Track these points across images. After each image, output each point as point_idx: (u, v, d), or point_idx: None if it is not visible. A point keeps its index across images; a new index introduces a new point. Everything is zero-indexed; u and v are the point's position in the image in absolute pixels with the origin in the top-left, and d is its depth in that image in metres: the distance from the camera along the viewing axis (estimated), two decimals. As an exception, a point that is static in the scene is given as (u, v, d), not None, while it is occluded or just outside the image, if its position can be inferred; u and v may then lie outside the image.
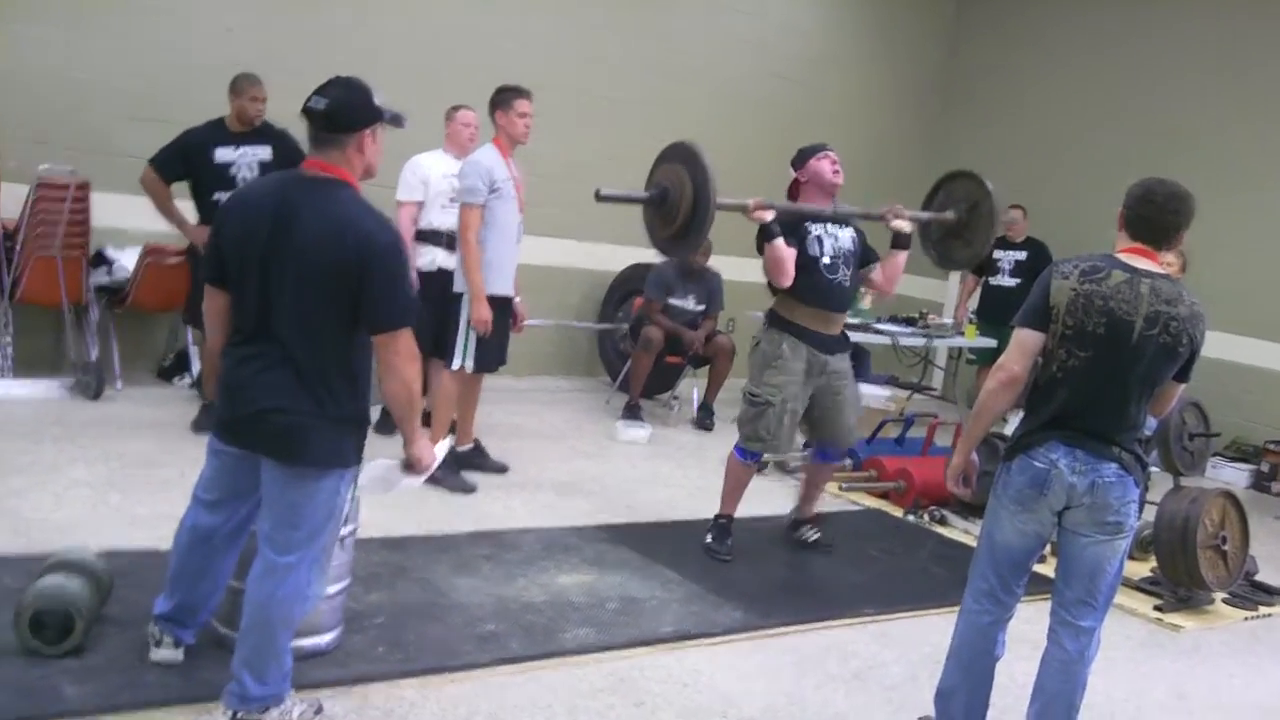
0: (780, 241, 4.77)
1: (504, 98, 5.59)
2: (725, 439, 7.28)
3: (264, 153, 5.98)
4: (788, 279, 4.82)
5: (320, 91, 2.96)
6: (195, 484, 3.24)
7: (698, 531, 5.35)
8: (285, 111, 4.69)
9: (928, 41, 10.65)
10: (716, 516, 5.19)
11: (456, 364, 5.50)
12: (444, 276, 5.77)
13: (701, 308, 7.88)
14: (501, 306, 5.56)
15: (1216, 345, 8.07)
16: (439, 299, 5.58)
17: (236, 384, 3.00)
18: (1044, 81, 9.97)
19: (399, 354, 2.94)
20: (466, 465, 5.80)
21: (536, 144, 7.97)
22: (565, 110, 8.30)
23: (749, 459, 5.09)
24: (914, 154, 10.50)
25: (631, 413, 7.47)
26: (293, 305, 2.90)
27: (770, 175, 7.37)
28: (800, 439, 5.52)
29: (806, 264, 4.85)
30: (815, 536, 5.39)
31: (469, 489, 5.59)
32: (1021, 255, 8.72)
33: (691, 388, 8.16)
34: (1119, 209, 3.32)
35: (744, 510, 5.27)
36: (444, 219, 6.15)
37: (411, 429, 3.11)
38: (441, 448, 3.31)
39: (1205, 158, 8.67)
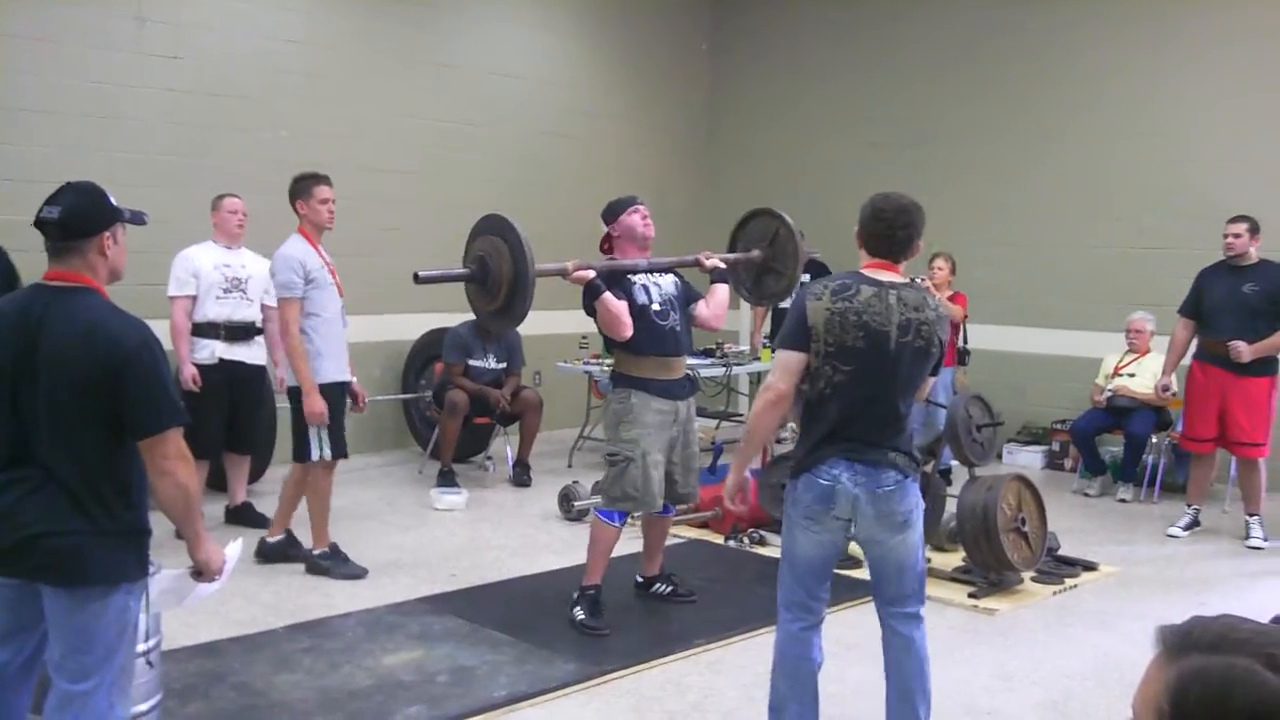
0: (609, 295, 4.74)
1: (303, 186, 5.50)
2: (544, 493, 7.30)
3: None
4: (628, 329, 4.77)
5: (51, 200, 2.84)
6: None
7: (525, 590, 5.30)
8: None
9: (688, 83, 10.94)
10: (584, 588, 4.95)
11: (315, 455, 5.44)
12: (227, 368, 5.62)
13: (503, 365, 7.85)
14: (339, 390, 5.52)
15: (993, 337, 8.67)
16: (227, 390, 5.42)
17: (2, 511, 2.81)
18: (803, 106, 10.36)
19: (168, 457, 2.80)
20: (278, 557, 5.67)
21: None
22: (344, 187, 8.15)
23: (617, 520, 4.92)
24: (692, 193, 10.77)
25: (446, 479, 7.37)
26: (50, 424, 2.75)
27: (561, 231, 7.48)
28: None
29: (638, 313, 4.83)
30: (669, 590, 5.33)
31: (361, 574, 5.54)
32: (805, 277, 8.92)
33: (504, 446, 8.10)
34: (856, 228, 3.50)
35: (566, 560, 5.24)
36: (219, 310, 6.04)
37: (194, 532, 2.94)
38: (233, 549, 3.14)
39: (962, 161, 9.21)
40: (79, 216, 2.83)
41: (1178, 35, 8.28)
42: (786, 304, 9.02)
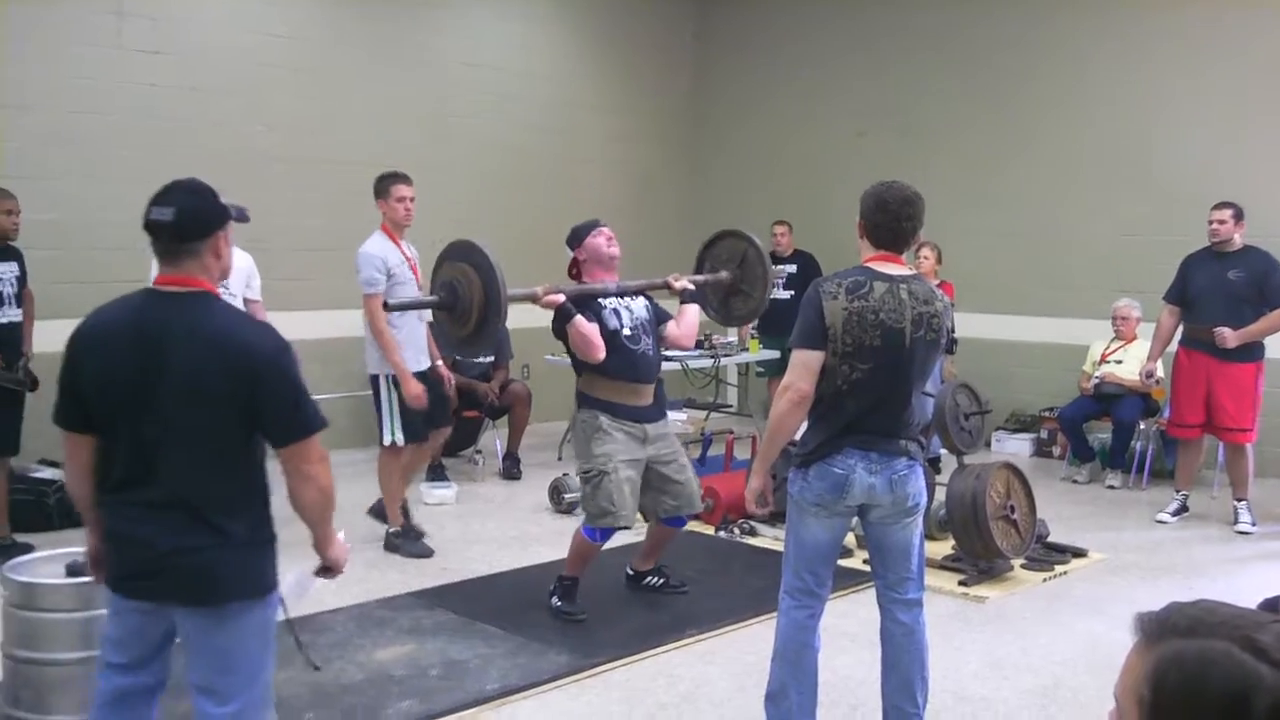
0: (580, 318, 4.70)
1: (382, 185, 5.82)
2: (534, 486, 7.29)
3: (16, 269, 5.75)
4: (600, 351, 4.72)
5: (161, 200, 2.66)
6: (101, 649, 2.89)
7: (516, 583, 5.29)
8: None
9: (673, 74, 10.92)
10: (560, 578, 5.00)
11: (388, 440, 5.78)
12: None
13: (490, 358, 7.84)
14: (422, 379, 5.77)
15: (979, 326, 8.69)
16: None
17: (126, 534, 2.67)
18: (789, 96, 10.36)
19: (310, 461, 2.69)
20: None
21: (304, 219, 7.95)
22: (331, 183, 8.18)
23: (599, 539, 4.88)
24: (678, 184, 10.77)
25: (436, 473, 7.35)
26: (179, 438, 2.62)
27: (540, 225, 7.48)
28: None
29: (609, 338, 4.78)
30: (660, 582, 5.32)
31: (428, 553, 5.84)
32: (792, 268, 9.02)
33: (494, 439, 8.09)
34: (857, 219, 3.48)
35: (558, 552, 5.24)
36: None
37: (328, 533, 2.86)
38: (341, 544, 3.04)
39: (947, 149, 9.21)
40: (194, 217, 2.67)
41: (1161, 22, 8.30)
42: (774, 295, 9.10)
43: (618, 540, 5.46)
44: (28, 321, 5.83)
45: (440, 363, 6.26)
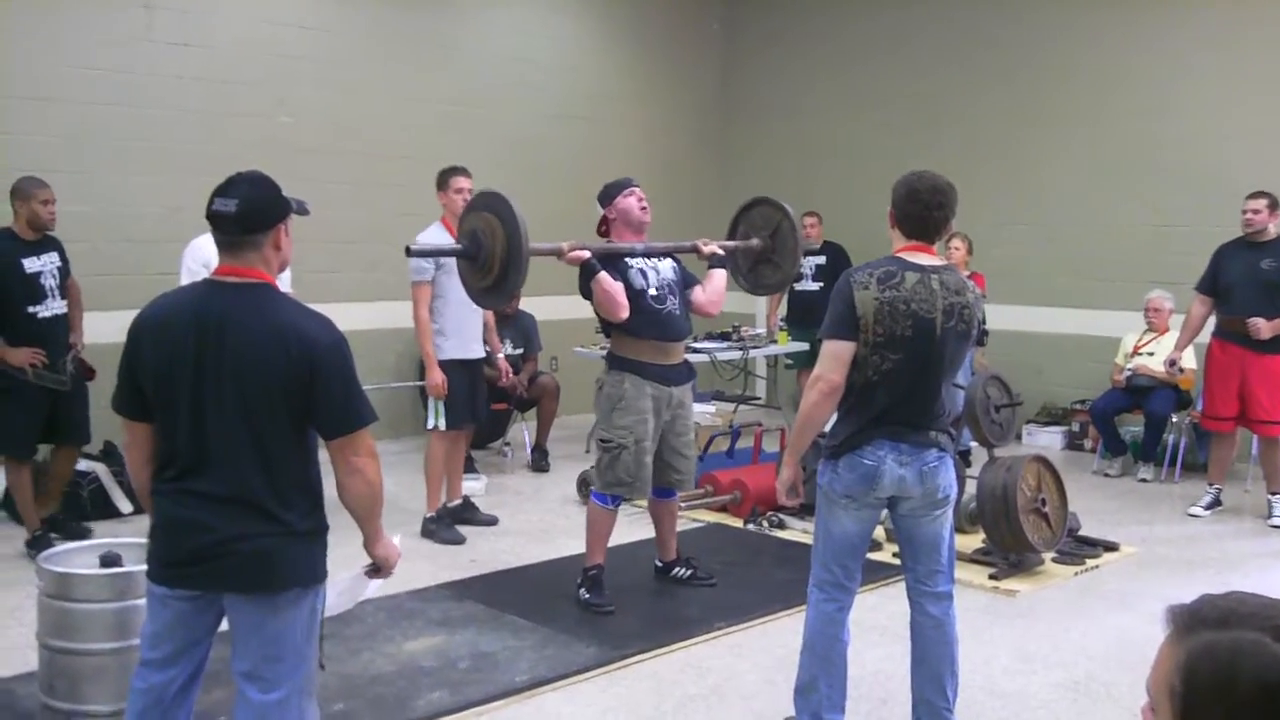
0: (604, 274, 4.70)
1: (443, 178, 6.06)
2: (563, 478, 7.31)
3: (58, 259, 5.77)
4: (624, 310, 4.72)
5: (224, 192, 2.70)
6: (140, 644, 2.88)
7: (545, 575, 5.30)
8: None
9: (700, 64, 10.90)
10: (586, 569, 5.00)
11: (430, 424, 5.99)
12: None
13: (520, 351, 7.86)
14: (466, 367, 6.01)
15: (1011, 318, 8.63)
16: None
17: (183, 520, 2.68)
18: (817, 87, 10.30)
19: (359, 454, 2.71)
20: (458, 520, 6.21)
21: (332, 210, 7.97)
22: (357, 174, 8.22)
23: (610, 504, 4.93)
24: (705, 176, 10.74)
25: (465, 465, 7.37)
26: (237, 426, 2.65)
27: (569, 213, 7.46)
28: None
29: (634, 297, 4.78)
30: (688, 574, 5.32)
31: (460, 540, 5.98)
32: (821, 260, 8.99)
33: (522, 431, 8.11)
34: (888, 208, 3.46)
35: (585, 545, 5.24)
36: None
37: (376, 529, 2.87)
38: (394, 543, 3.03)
39: (978, 140, 9.14)
40: (257, 209, 2.71)
41: (1194, 13, 8.20)
42: (801, 286, 9.07)
43: (645, 531, 5.47)
44: (76, 311, 5.88)
45: (502, 355, 6.53)
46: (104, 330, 5.72)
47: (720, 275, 5.11)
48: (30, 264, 5.60)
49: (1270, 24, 7.85)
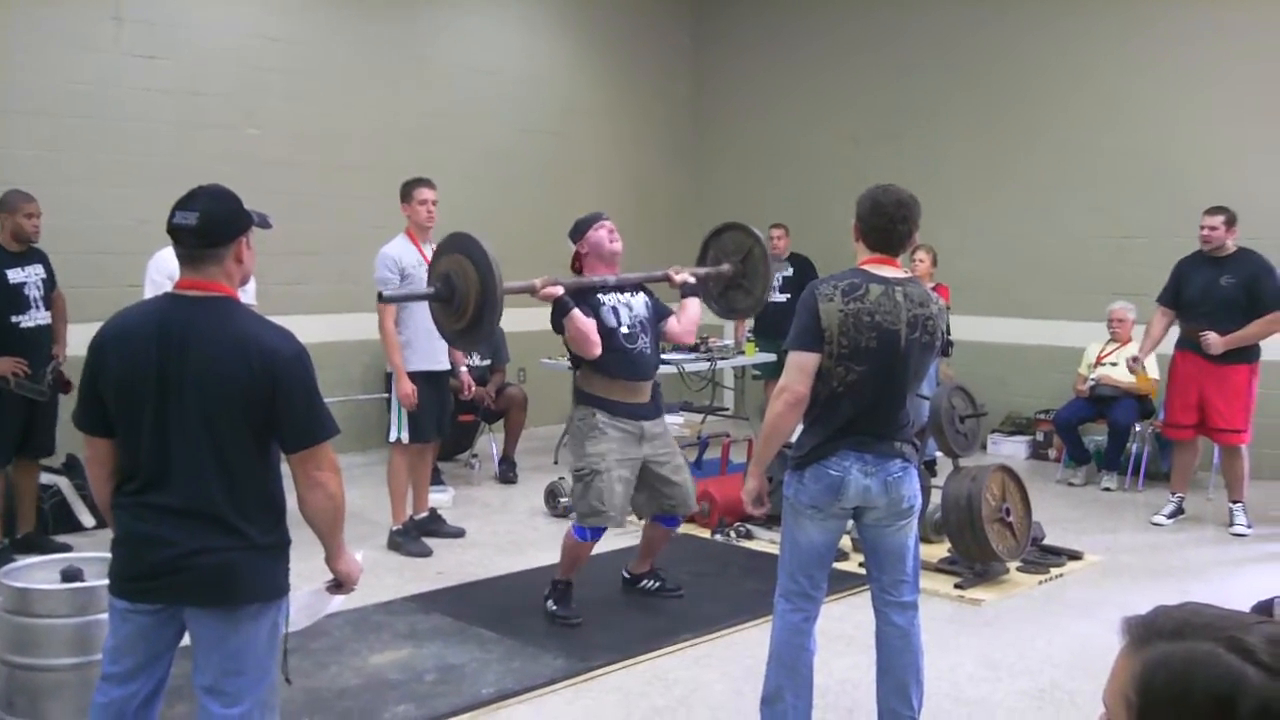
0: (577, 312, 4.68)
1: (406, 190, 6.07)
2: (531, 490, 7.29)
3: (42, 271, 5.83)
4: (596, 347, 4.70)
5: (185, 205, 2.71)
6: (101, 659, 2.85)
7: (512, 587, 5.28)
8: None
9: (670, 77, 10.94)
10: (555, 582, 4.99)
11: (393, 436, 6.00)
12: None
13: (487, 362, 7.85)
14: (431, 380, 6.00)
15: (976, 329, 8.70)
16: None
17: (144, 534, 2.68)
18: (785, 100, 10.36)
19: (321, 468, 2.72)
20: (425, 533, 6.16)
21: (299, 222, 7.94)
22: (325, 186, 8.19)
23: (590, 537, 4.87)
24: (676, 188, 10.78)
25: (431, 477, 7.34)
26: (199, 440, 2.65)
27: (539, 226, 7.48)
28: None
29: (606, 336, 4.75)
30: (656, 585, 5.32)
31: (427, 552, 5.95)
32: (788, 271, 9.02)
33: (490, 443, 8.09)
34: (853, 222, 3.49)
35: (554, 556, 5.24)
36: None
37: (338, 544, 2.87)
38: (362, 558, 3.05)
39: (943, 152, 9.22)
40: (218, 222, 2.71)
41: (1157, 26, 8.31)
42: (771, 298, 9.09)
43: (614, 543, 5.48)
44: (59, 323, 5.94)
45: (465, 369, 6.51)
46: (77, 342, 5.68)
47: (694, 304, 5.12)
48: (14, 274, 5.67)
49: (1231, 38, 7.97)
